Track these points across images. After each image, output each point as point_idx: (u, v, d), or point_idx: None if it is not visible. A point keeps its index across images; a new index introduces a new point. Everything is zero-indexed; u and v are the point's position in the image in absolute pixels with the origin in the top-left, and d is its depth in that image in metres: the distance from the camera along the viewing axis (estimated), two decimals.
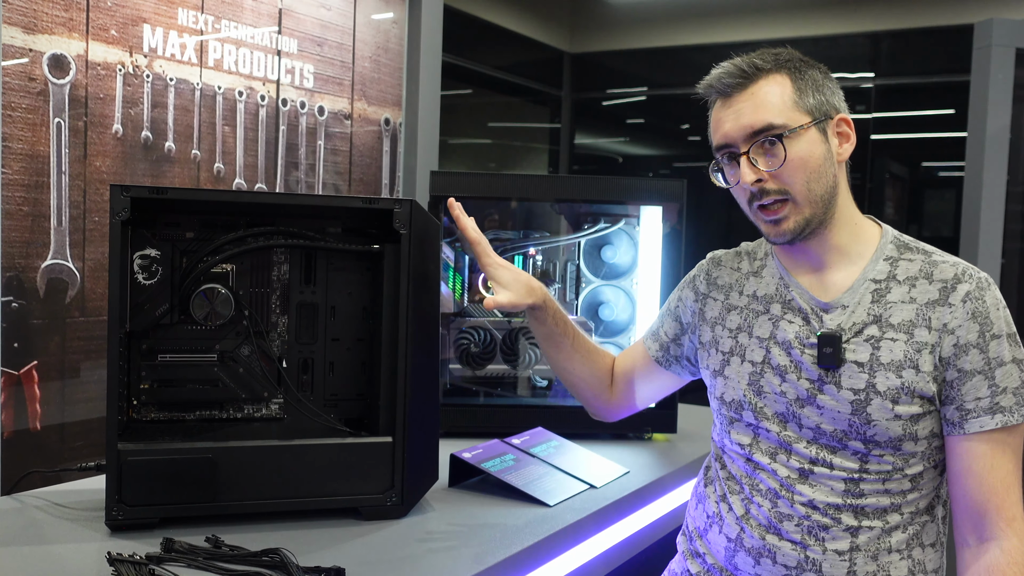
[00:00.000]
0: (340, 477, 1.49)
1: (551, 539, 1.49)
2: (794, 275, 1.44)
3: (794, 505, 1.36)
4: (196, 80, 2.12)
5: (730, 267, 1.54)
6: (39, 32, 1.80)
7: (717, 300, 1.53)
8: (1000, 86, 3.10)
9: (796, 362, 1.38)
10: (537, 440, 1.89)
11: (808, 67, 1.39)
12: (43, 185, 1.83)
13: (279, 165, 2.35)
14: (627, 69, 7.04)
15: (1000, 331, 1.31)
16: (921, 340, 1.31)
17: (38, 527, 1.42)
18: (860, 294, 1.36)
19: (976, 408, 1.29)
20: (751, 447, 1.42)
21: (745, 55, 1.39)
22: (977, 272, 1.34)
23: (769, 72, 1.36)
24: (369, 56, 2.59)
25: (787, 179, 1.34)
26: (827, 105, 1.37)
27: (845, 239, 1.40)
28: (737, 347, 1.46)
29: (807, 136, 1.35)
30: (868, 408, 1.31)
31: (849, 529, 1.33)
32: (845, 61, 6.02)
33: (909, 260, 1.37)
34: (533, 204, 2.32)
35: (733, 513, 1.43)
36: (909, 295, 1.34)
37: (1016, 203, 3.23)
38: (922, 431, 1.32)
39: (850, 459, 1.34)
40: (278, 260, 1.58)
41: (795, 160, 1.34)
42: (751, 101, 1.36)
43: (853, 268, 1.39)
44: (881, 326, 1.33)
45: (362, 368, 1.62)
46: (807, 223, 1.36)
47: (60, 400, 1.89)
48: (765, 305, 1.45)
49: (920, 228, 6.14)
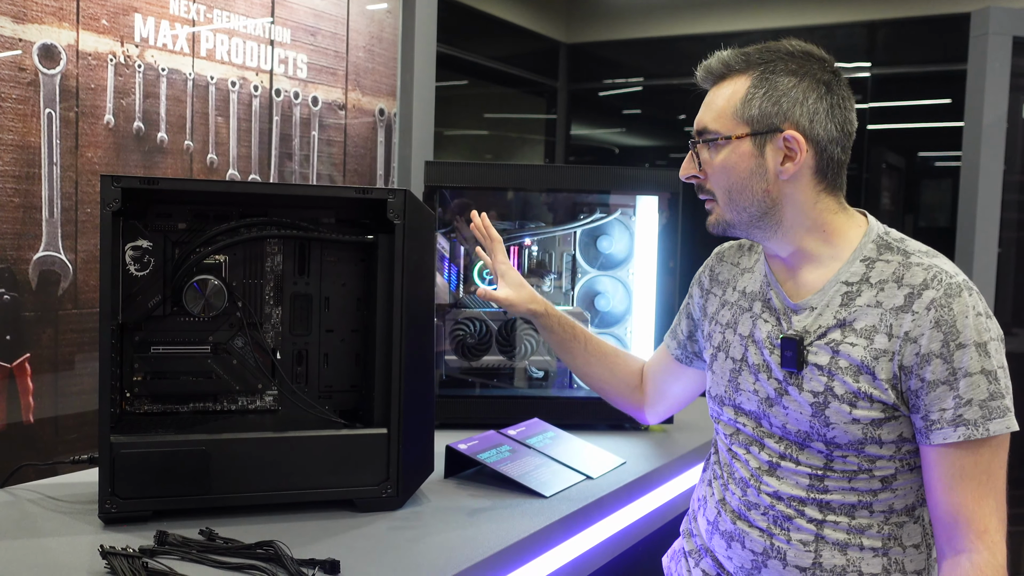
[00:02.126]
0: (335, 469, 1.48)
1: (547, 530, 1.48)
2: (776, 274, 1.42)
3: (760, 495, 1.36)
4: (188, 70, 2.11)
5: (730, 262, 1.54)
6: (29, 22, 1.79)
7: (716, 296, 1.53)
8: (997, 75, 3.09)
9: (767, 362, 1.37)
10: (533, 431, 1.89)
11: (784, 72, 1.32)
12: (34, 176, 1.82)
13: (273, 156, 2.34)
14: (623, 60, 7.02)
15: (967, 340, 1.23)
16: (880, 347, 1.27)
17: (31, 520, 1.41)
18: (830, 296, 1.33)
19: (940, 420, 1.24)
20: (732, 437, 1.44)
21: (737, 48, 1.37)
22: (950, 277, 1.26)
23: (735, 73, 1.35)
24: (363, 46, 2.58)
25: (712, 182, 1.37)
26: (776, 118, 1.31)
27: (810, 243, 1.36)
28: (724, 343, 1.46)
29: (735, 147, 1.33)
30: (826, 411, 1.29)
31: (813, 521, 1.32)
32: (842, 51, 6.00)
33: (886, 262, 1.31)
34: (529, 194, 2.30)
35: (714, 497, 1.45)
36: (876, 299, 1.29)
37: (1012, 192, 3.22)
38: (887, 435, 1.28)
39: (815, 457, 1.33)
40: (271, 251, 1.57)
41: (717, 168, 1.35)
42: (709, 99, 1.38)
43: (825, 269, 1.35)
44: (844, 330, 1.30)
45: (356, 359, 1.61)
46: (729, 225, 1.38)
47: (53, 393, 1.88)
48: (750, 302, 1.44)
49: (916, 218, 6.14)
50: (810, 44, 1.36)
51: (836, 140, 1.33)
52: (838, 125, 1.33)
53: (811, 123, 1.31)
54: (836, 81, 1.34)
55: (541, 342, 2.22)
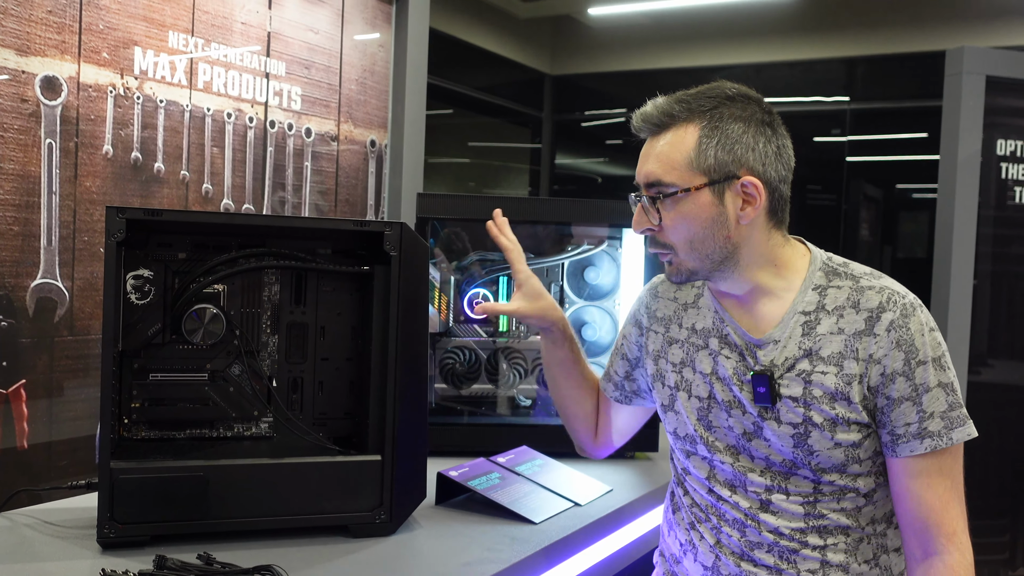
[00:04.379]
0: (329, 495, 1.51)
1: (536, 556, 1.51)
2: (727, 309, 1.43)
3: (762, 533, 1.38)
4: (185, 102, 2.15)
5: (667, 298, 1.54)
6: (32, 54, 1.83)
7: (658, 333, 1.53)
8: (970, 112, 3.18)
9: (737, 398, 1.39)
10: (522, 459, 1.92)
11: (731, 119, 1.33)
12: (34, 205, 1.85)
13: (266, 185, 2.38)
14: (607, 91, 7.12)
15: (926, 357, 1.30)
16: (850, 372, 1.31)
17: (29, 545, 1.43)
18: (791, 328, 1.35)
19: (906, 433, 1.30)
20: (710, 478, 1.44)
21: (673, 95, 1.37)
22: (902, 297, 1.32)
23: (680, 122, 1.34)
24: (356, 79, 2.63)
25: (669, 235, 1.36)
26: (732, 165, 1.32)
27: (764, 278, 1.38)
28: (683, 382, 1.46)
29: (695, 198, 1.33)
30: (808, 440, 1.33)
31: (816, 548, 1.36)
32: (821, 85, 6.12)
33: (837, 288, 1.35)
34: (517, 225, 2.35)
35: (706, 542, 1.44)
36: (837, 326, 1.33)
37: (987, 226, 3.30)
38: (864, 453, 1.34)
39: (803, 483, 1.36)
40: (269, 281, 1.61)
41: (676, 220, 1.34)
42: (653, 149, 1.36)
43: (780, 302, 1.38)
44: (812, 360, 1.33)
45: (351, 387, 1.64)
46: (692, 273, 1.38)
47: (48, 418, 1.90)
48: (704, 339, 1.44)
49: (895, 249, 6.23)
50: (741, 85, 1.37)
51: (784, 179, 1.37)
52: (785, 165, 1.37)
53: (763, 166, 1.33)
54: (775, 121, 1.37)
55: (529, 371, 2.26)
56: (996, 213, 3.33)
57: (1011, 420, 3.33)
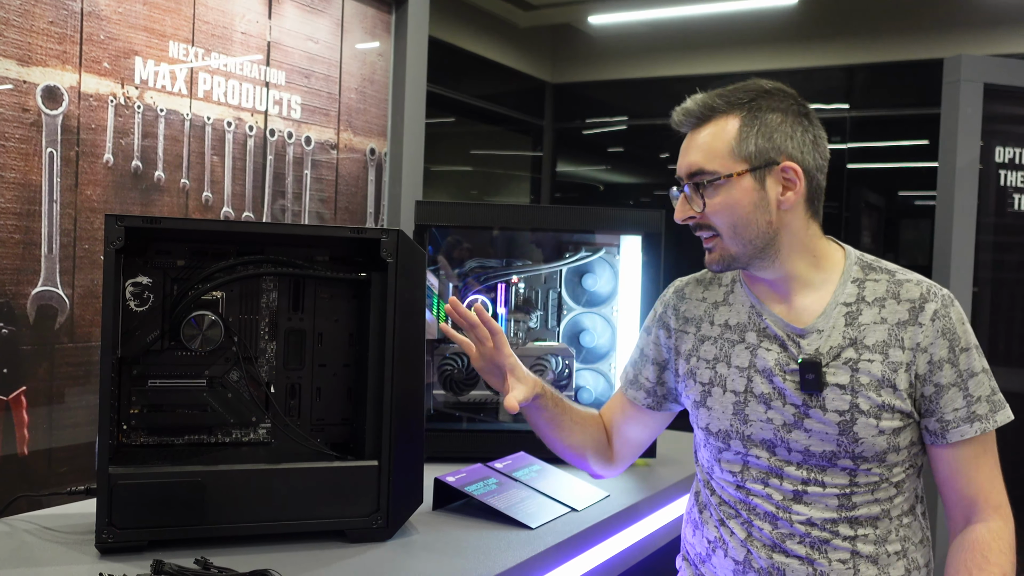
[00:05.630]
0: (326, 500, 1.52)
1: (533, 561, 1.52)
2: (764, 302, 1.47)
3: (793, 524, 1.41)
4: (186, 111, 2.17)
5: (695, 298, 1.57)
6: (33, 64, 1.84)
7: (689, 333, 1.55)
8: (969, 120, 3.19)
9: (779, 389, 1.42)
10: (519, 464, 1.93)
11: (769, 110, 1.39)
12: (34, 213, 1.87)
13: (266, 194, 2.39)
14: (608, 99, 7.14)
15: (968, 344, 1.39)
16: (896, 360, 1.37)
17: (28, 550, 1.44)
18: (834, 318, 1.41)
19: (955, 419, 1.37)
20: (742, 474, 1.46)
21: (711, 91, 1.43)
22: (940, 289, 1.41)
23: (720, 114, 1.40)
24: (355, 87, 2.65)
25: (713, 220, 1.42)
26: (772, 152, 1.38)
27: (802, 269, 1.44)
28: (717, 377, 1.48)
29: (737, 183, 1.38)
30: (855, 427, 1.37)
31: (847, 539, 1.39)
32: (821, 93, 6.14)
33: (875, 280, 1.42)
34: (516, 232, 2.36)
35: (736, 537, 1.46)
36: (880, 315, 1.39)
37: (987, 234, 3.31)
38: (903, 442, 1.39)
39: (840, 475, 1.40)
40: (267, 288, 1.62)
41: (719, 205, 1.40)
42: (695, 141, 1.42)
43: (820, 293, 1.43)
44: (858, 348, 1.39)
45: (348, 393, 1.66)
46: (734, 259, 1.43)
47: (48, 425, 1.92)
48: (740, 334, 1.48)
49: (896, 256, 6.23)
50: (775, 82, 1.44)
51: (821, 168, 1.43)
52: (821, 155, 1.43)
53: (802, 154, 1.40)
54: (811, 113, 1.44)
55: None
56: (996, 220, 3.33)
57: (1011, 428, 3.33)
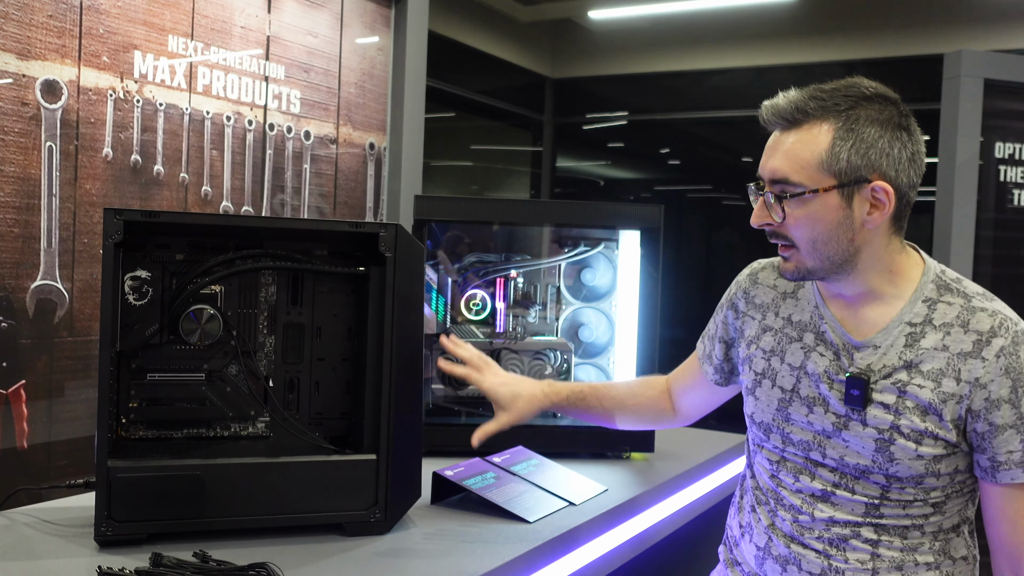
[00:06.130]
0: (325, 494, 1.52)
1: (531, 554, 1.52)
2: (829, 305, 1.41)
3: (815, 519, 1.39)
4: (185, 105, 2.17)
5: (767, 285, 1.52)
6: (33, 58, 1.85)
7: (755, 319, 1.52)
8: (969, 115, 3.19)
9: (823, 396, 1.38)
10: (517, 459, 1.93)
11: (867, 122, 1.28)
12: (34, 207, 1.87)
13: (265, 188, 2.40)
14: (608, 94, 7.14)
15: None
16: (948, 391, 1.29)
17: (28, 543, 1.44)
18: (894, 336, 1.33)
19: (1008, 461, 1.28)
20: (778, 465, 1.45)
21: (806, 89, 1.31)
22: (1015, 324, 1.30)
23: (813, 119, 1.29)
24: (355, 82, 2.65)
25: (792, 232, 1.33)
26: (864, 169, 1.28)
27: (876, 282, 1.35)
28: (769, 370, 1.46)
29: (823, 199, 1.29)
30: (891, 448, 1.32)
31: (869, 541, 1.36)
32: None
33: (948, 304, 1.33)
34: (515, 227, 2.37)
35: (762, 524, 1.46)
36: (943, 342, 1.30)
37: (987, 229, 3.31)
38: (945, 468, 1.32)
39: (871, 487, 1.35)
40: (266, 281, 1.62)
41: (801, 219, 1.30)
42: (783, 146, 1.31)
43: (887, 308, 1.36)
44: (911, 371, 1.31)
45: (347, 387, 1.66)
46: (810, 272, 1.35)
47: (47, 419, 1.92)
48: (799, 332, 1.43)
49: None
50: (879, 83, 1.33)
51: (914, 185, 1.33)
52: (917, 171, 1.32)
53: (896, 172, 1.29)
54: (912, 125, 1.32)
55: (526, 371, 2.28)
56: (995, 216, 3.33)
57: None
